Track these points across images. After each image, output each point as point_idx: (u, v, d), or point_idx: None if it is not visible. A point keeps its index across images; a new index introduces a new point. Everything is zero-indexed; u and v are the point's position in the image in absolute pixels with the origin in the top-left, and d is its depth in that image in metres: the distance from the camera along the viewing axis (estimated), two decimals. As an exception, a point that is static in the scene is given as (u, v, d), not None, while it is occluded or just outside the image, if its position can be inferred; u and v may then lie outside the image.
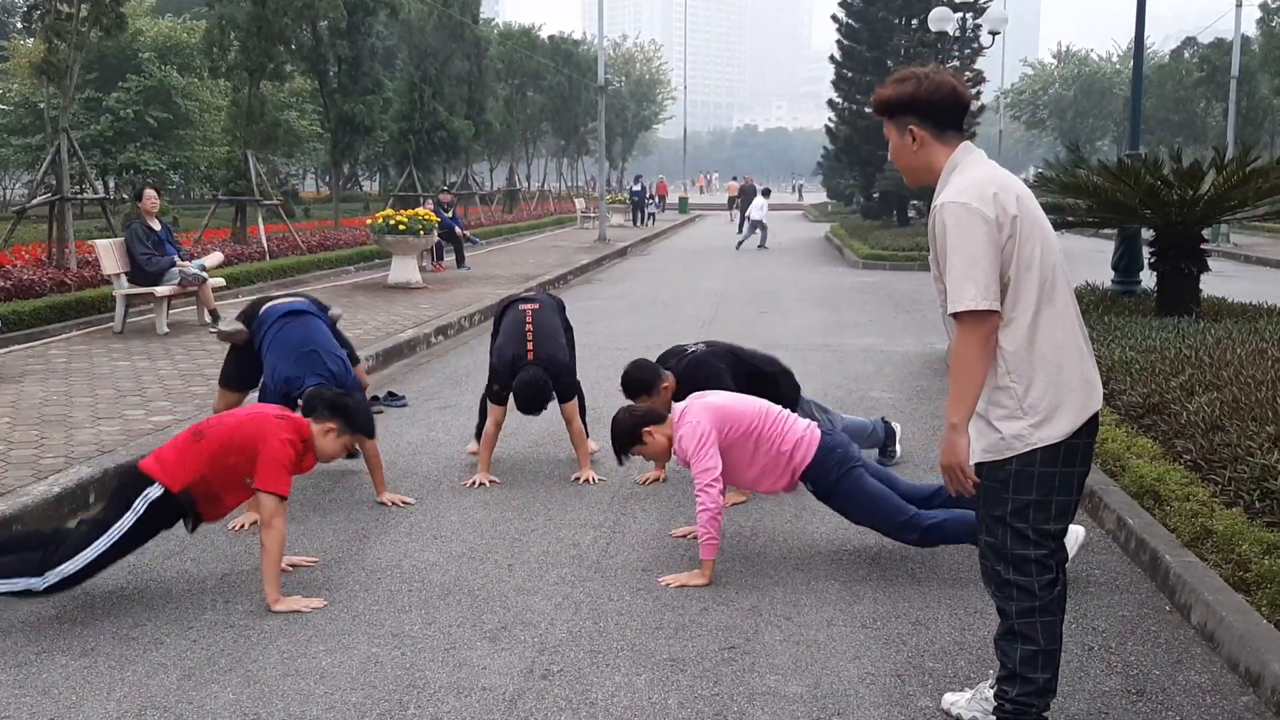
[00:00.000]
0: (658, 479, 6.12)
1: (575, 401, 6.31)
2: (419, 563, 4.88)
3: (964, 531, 4.63)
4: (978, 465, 3.10)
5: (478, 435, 6.43)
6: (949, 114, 3.09)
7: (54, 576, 4.21)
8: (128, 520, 4.29)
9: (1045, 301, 2.99)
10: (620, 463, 5.19)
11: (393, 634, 4.10)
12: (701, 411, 4.75)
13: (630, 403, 5.43)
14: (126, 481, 4.44)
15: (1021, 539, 3.07)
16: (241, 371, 6.31)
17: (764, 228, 28.02)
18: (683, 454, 4.75)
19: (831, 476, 4.74)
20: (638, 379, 5.68)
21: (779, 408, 4.99)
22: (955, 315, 2.94)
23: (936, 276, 3.09)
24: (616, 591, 4.52)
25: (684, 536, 5.13)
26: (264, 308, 6.22)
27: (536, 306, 6.35)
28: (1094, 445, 3.16)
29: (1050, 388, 2.99)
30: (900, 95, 3.11)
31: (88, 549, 4.25)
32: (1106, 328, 8.78)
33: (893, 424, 6.59)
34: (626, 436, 4.95)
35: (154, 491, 4.32)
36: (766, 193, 31.14)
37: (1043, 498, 3.04)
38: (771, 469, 4.81)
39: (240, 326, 6.22)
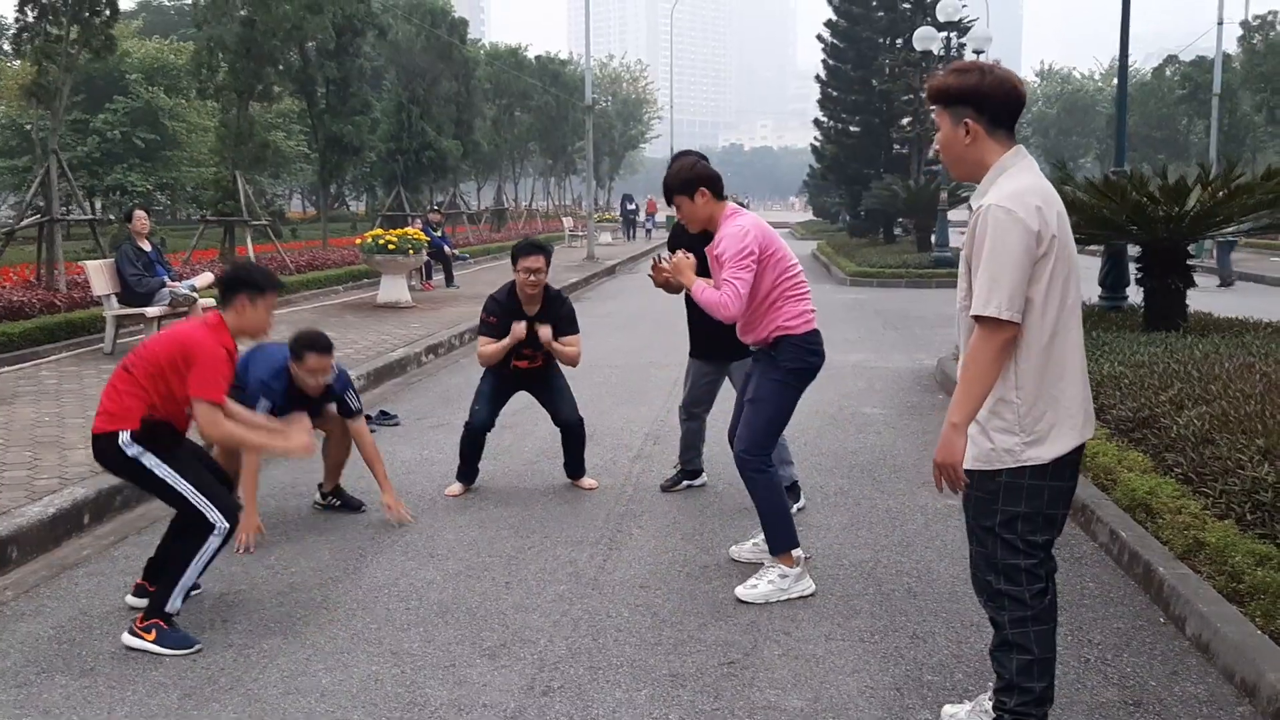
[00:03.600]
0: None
1: (578, 335, 6.38)
2: (416, 581, 4.88)
3: (773, 509, 4.67)
4: (968, 473, 3.14)
5: (459, 476, 6.39)
6: (1005, 111, 3.07)
7: (212, 515, 4.25)
8: (149, 461, 4.28)
9: (1063, 325, 3.02)
10: (669, 203, 4.91)
11: (392, 652, 4.11)
12: (753, 223, 4.69)
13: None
14: (98, 446, 4.39)
15: (1011, 549, 3.10)
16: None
17: None
18: (721, 251, 4.64)
19: (786, 365, 4.72)
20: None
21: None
22: (977, 318, 2.95)
23: (964, 274, 3.09)
24: (615, 608, 4.53)
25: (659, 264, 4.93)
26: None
27: None
28: (1081, 460, 3.20)
29: (1051, 409, 3.02)
30: (963, 86, 3.06)
31: (179, 490, 4.27)
32: (1095, 343, 8.84)
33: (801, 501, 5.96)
34: (684, 182, 4.78)
35: (123, 436, 4.28)
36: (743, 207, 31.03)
37: (1032, 510, 3.07)
38: (765, 316, 4.73)
39: None
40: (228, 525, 4.29)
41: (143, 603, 4.39)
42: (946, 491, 3.12)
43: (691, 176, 4.81)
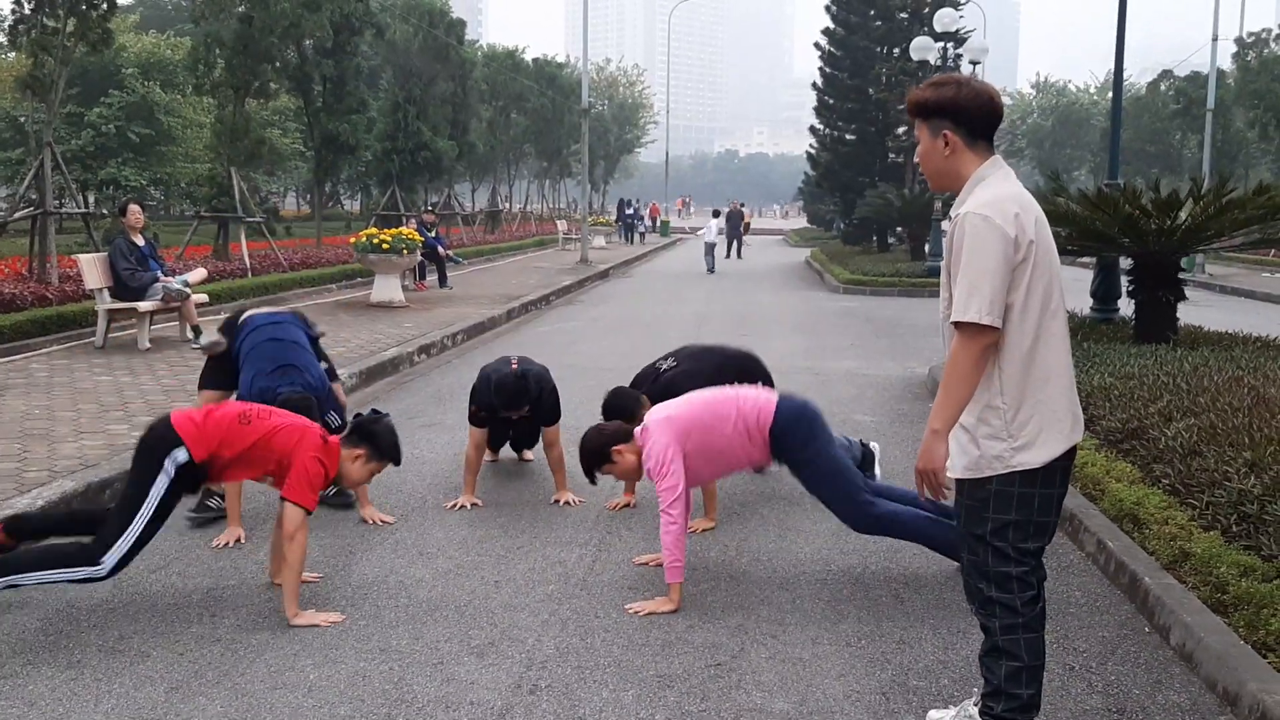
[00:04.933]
0: (628, 504, 6.06)
1: (558, 426, 6.27)
2: (405, 579, 4.89)
3: (919, 530, 4.72)
4: (959, 481, 3.16)
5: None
6: (983, 123, 3.11)
7: (112, 559, 4.26)
8: (162, 483, 4.32)
9: (1045, 330, 3.04)
10: (593, 482, 5.12)
11: (380, 649, 4.12)
12: (661, 427, 4.73)
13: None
14: (157, 433, 4.42)
15: (1002, 557, 3.12)
16: (220, 372, 6.14)
17: (711, 251, 27.53)
18: (650, 470, 4.73)
19: (799, 438, 4.75)
20: (616, 406, 5.73)
21: (730, 388, 4.98)
22: (957, 324, 2.99)
23: (945, 284, 3.13)
24: (603, 609, 4.54)
25: (648, 564, 5.09)
26: (245, 315, 6.18)
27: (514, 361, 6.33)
28: (1072, 467, 3.21)
29: (1037, 414, 3.04)
30: (940, 99, 3.11)
31: (133, 521, 4.30)
32: (1085, 354, 8.89)
33: (871, 445, 6.49)
34: (595, 456, 4.90)
35: (181, 454, 4.34)
36: (716, 214, 30.97)
37: (1022, 517, 3.09)
38: (743, 443, 4.78)
39: (219, 339, 6.17)
40: (104, 576, 4.29)
41: None
42: (930, 497, 3.14)
43: (598, 450, 4.87)
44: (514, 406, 6.02)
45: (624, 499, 6.10)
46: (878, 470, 6.48)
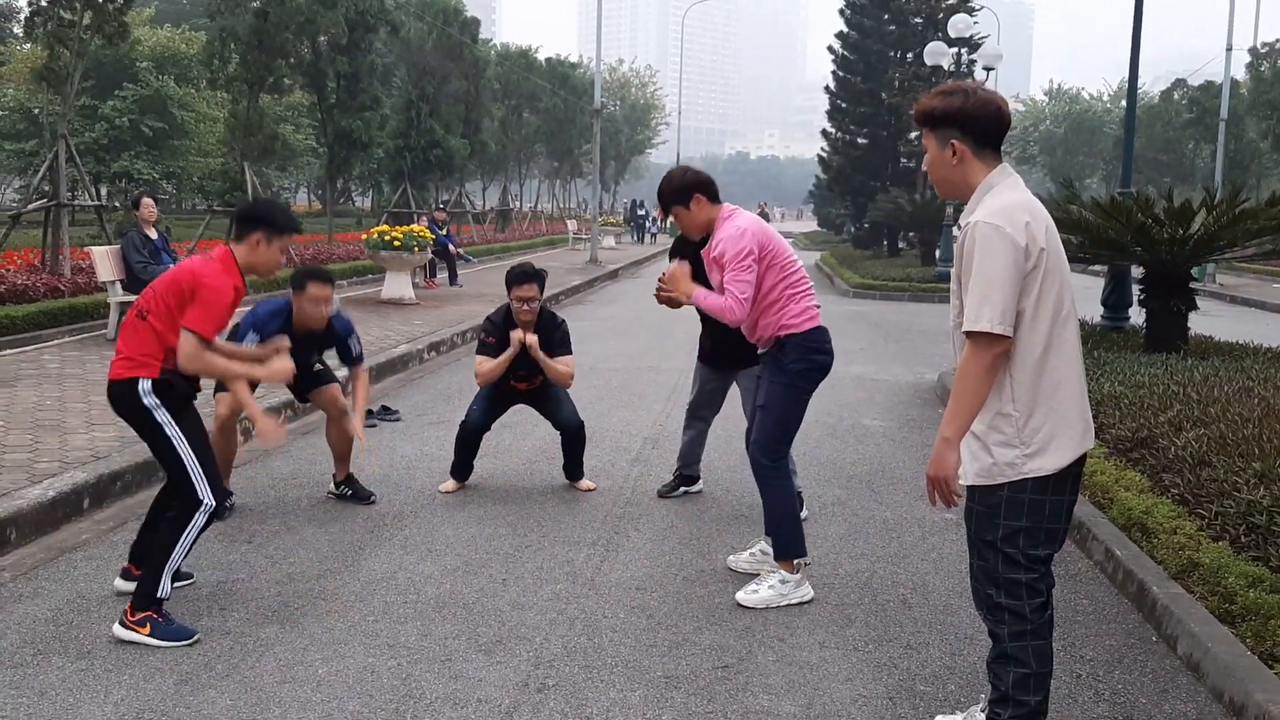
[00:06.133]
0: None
1: (572, 358, 6.38)
2: (414, 575, 4.90)
3: (782, 513, 4.68)
4: (970, 488, 3.17)
5: (453, 472, 6.41)
6: (991, 132, 3.11)
7: (204, 492, 4.23)
8: (162, 416, 4.22)
9: (1056, 337, 3.04)
10: (665, 214, 4.94)
11: (389, 645, 4.13)
12: (750, 223, 4.71)
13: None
14: (117, 389, 4.28)
15: (1012, 563, 3.12)
16: None
17: None
18: (720, 254, 4.67)
19: (793, 368, 4.71)
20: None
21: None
22: (969, 333, 2.99)
23: (955, 292, 3.14)
24: (611, 608, 4.56)
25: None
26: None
27: None
28: (1082, 474, 3.22)
29: (1049, 421, 3.05)
30: (947, 108, 3.11)
31: (181, 458, 4.23)
32: (1096, 362, 8.88)
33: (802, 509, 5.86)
34: (678, 191, 4.80)
35: (144, 384, 4.22)
36: None
37: (1033, 524, 3.10)
38: (767, 316, 4.72)
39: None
40: (214, 503, 4.26)
41: (130, 586, 4.39)
42: (941, 505, 3.15)
43: (684, 184, 4.83)
44: (524, 279, 6.12)
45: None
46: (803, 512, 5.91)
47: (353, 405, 5.96)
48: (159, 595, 4.16)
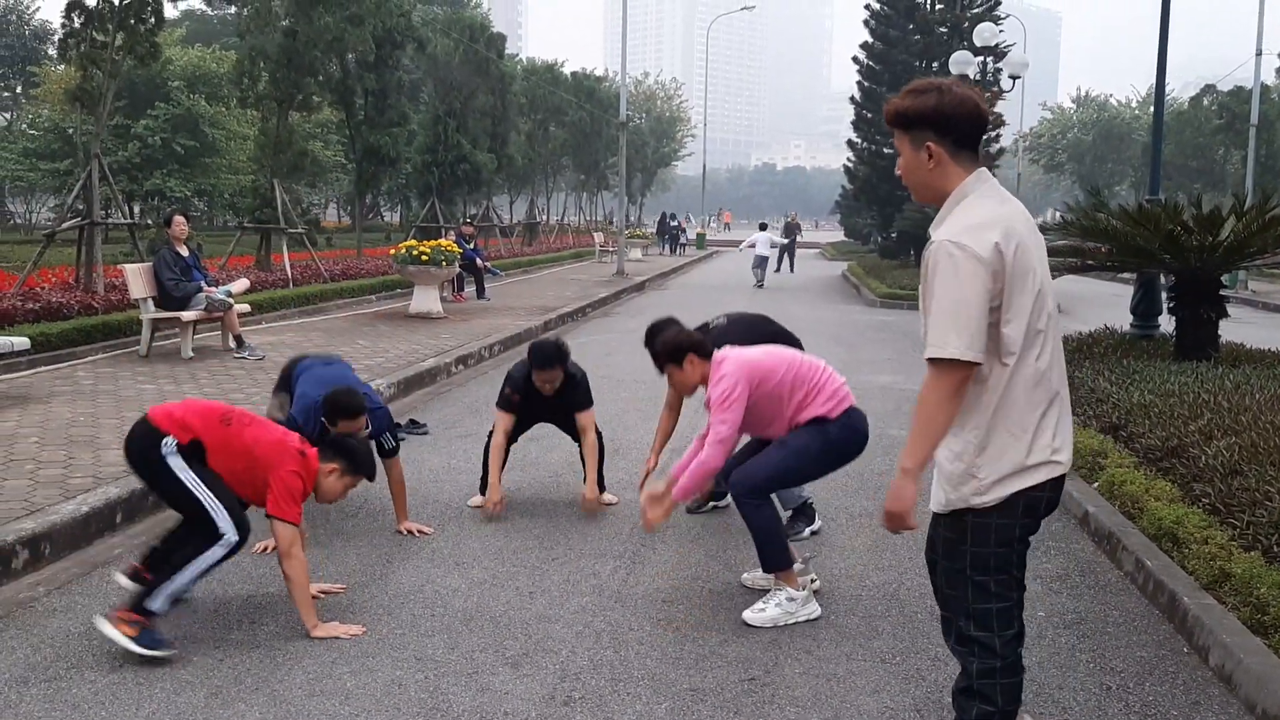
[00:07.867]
0: (649, 471, 5.72)
1: (591, 412, 6.33)
2: (441, 588, 4.93)
3: (768, 532, 4.66)
4: (936, 516, 3.06)
5: (482, 487, 6.38)
6: (968, 132, 2.89)
7: (227, 528, 4.29)
8: (176, 463, 4.32)
9: (1025, 359, 2.86)
10: (661, 371, 5.08)
11: (416, 658, 4.16)
12: (737, 364, 4.74)
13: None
14: (141, 430, 4.45)
15: (983, 592, 2.99)
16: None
17: (763, 264, 27.40)
18: (708, 399, 4.75)
19: (837, 431, 4.71)
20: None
21: (815, 360, 4.94)
22: (931, 360, 2.82)
23: (925, 310, 2.94)
24: (637, 621, 4.56)
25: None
26: (297, 360, 6.27)
27: None
28: (1059, 498, 3.04)
29: (1014, 444, 2.89)
30: (921, 108, 2.87)
31: (201, 501, 4.30)
32: (1125, 371, 8.81)
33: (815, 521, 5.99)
34: (673, 350, 4.92)
35: (170, 442, 4.34)
36: (763, 226, 30.53)
37: (1002, 549, 2.97)
38: (796, 416, 4.75)
39: (278, 406, 6.22)
40: (236, 539, 4.31)
41: (131, 586, 4.44)
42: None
43: (678, 346, 4.94)
44: (547, 365, 6.06)
45: (650, 462, 5.83)
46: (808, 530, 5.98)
47: (395, 502, 5.88)
48: (152, 609, 4.18)
